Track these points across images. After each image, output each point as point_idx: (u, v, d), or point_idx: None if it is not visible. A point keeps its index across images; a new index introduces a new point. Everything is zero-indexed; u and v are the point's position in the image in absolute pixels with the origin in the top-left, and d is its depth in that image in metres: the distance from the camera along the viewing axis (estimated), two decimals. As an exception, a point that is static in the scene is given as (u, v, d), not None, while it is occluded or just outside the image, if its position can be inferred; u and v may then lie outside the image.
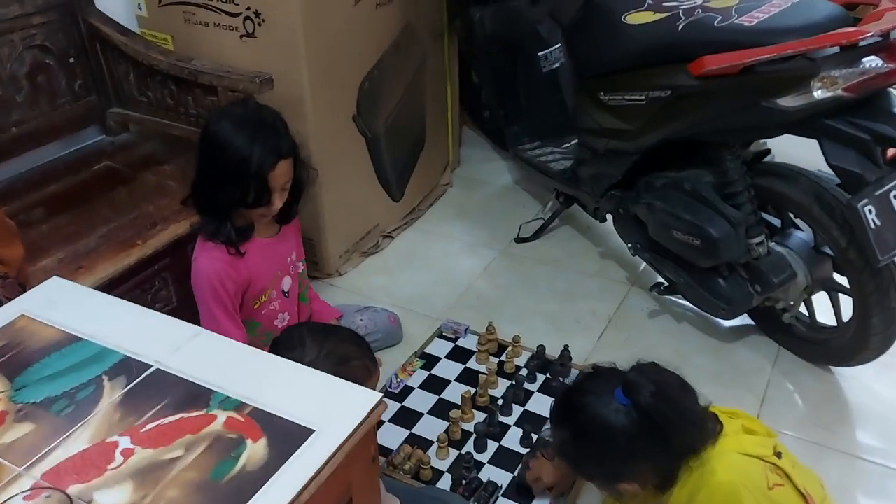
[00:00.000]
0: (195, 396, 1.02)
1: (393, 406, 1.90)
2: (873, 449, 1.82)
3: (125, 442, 0.95)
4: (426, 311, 2.30)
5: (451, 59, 2.84)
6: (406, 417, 1.87)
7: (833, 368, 2.03)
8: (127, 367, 1.07)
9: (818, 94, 1.55)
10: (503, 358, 2.03)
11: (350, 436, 0.96)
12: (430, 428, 1.83)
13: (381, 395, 1.03)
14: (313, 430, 0.96)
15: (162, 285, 1.85)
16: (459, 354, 2.07)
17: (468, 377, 1.98)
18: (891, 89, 1.58)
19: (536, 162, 2.57)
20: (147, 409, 1.00)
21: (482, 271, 2.50)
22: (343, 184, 2.39)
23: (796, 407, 1.94)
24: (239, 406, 1.00)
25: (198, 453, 0.93)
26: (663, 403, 1.21)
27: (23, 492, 0.86)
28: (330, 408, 1.00)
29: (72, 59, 2.12)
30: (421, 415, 1.87)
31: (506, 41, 2.55)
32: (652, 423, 1.21)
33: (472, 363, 2.04)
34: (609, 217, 2.38)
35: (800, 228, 1.93)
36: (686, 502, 1.28)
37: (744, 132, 1.78)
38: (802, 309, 2.02)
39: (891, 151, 1.59)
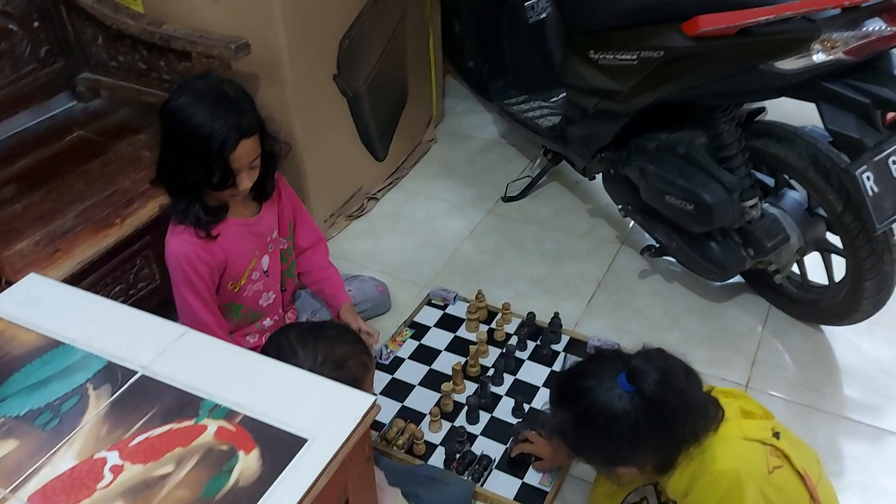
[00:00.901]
0: (184, 404, 0.99)
1: (384, 378, 1.88)
2: (862, 409, 1.83)
3: (114, 458, 0.92)
4: (413, 278, 2.27)
5: (433, 9, 2.74)
6: (397, 390, 1.85)
7: (823, 327, 2.03)
8: (112, 373, 1.03)
9: (818, 57, 1.50)
10: (493, 326, 2.01)
11: (344, 443, 0.94)
12: (422, 400, 1.82)
13: (374, 397, 1.00)
14: (306, 440, 0.94)
15: (144, 263, 1.80)
16: (449, 322, 2.05)
17: (458, 346, 1.97)
18: (893, 51, 1.53)
19: (523, 118, 2.50)
20: (134, 420, 0.97)
21: (469, 234, 2.46)
22: (325, 147, 2.32)
23: (786, 369, 1.95)
24: (229, 414, 0.97)
25: (189, 468, 0.91)
26: (668, 392, 1.19)
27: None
28: (323, 413, 0.98)
29: (36, 24, 2.01)
30: (412, 387, 1.86)
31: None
32: (655, 412, 1.20)
33: (462, 331, 2.02)
34: (598, 176, 2.34)
35: (793, 188, 1.90)
36: (686, 488, 1.28)
37: (739, 95, 1.73)
38: (794, 268, 2.01)
39: (891, 115, 1.55)
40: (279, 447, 0.93)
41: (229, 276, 1.69)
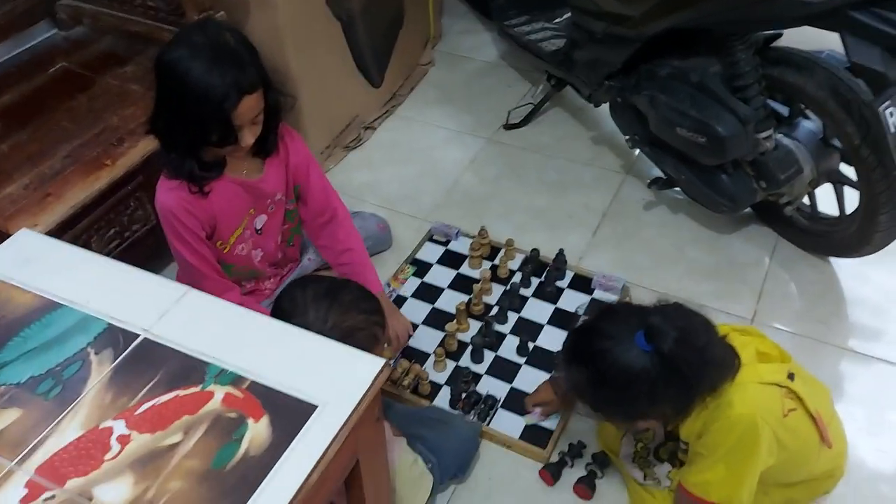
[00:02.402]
0: (189, 370, 0.96)
1: (388, 317, 1.86)
2: (869, 341, 1.83)
3: (120, 427, 0.90)
4: (413, 212, 2.22)
5: (428, -80, 2.59)
6: (402, 329, 1.83)
7: (831, 258, 2.01)
8: (113, 337, 1.00)
9: (845, -17, 1.41)
10: (496, 262, 1.98)
11: (354, 409, 0.92)
12: (426, 340, 1.81)
13: (384, 361, 0.98)
14: (316, 406, 0.91)
15: (137, 205, 1.74)
16: (451, 259, 2.01)
17: (461, 284, 1.94)
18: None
19: (525, 41, 2.40)
20: (139, 386, 0.94)
21: (469, 163, 2.40)
22: (320, 75, 2.23)
23: (793, 301, 1.93)
24: (236, 380, 0.94)
25: (197, 437, 0.89)
26: (687, 350, 1.17)
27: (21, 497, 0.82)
28: (332, 378, 0.95)
29: (10, -53, 1.90)
30: (416, 326, 1.84)
31: None
32: (674, 370, 1.17)
33: (465, 269, 1.99)
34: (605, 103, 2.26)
35: (808, 118, 1.84)
36: (700, 430, 1.27)
37: (760, 23, 1.64)
38: (805, 199, 1.97)
39: (917, 47, 1.47)
40: (289, 414, 0.91)
41: (218, 234, 1.61)
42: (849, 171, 1.80)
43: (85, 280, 1.07)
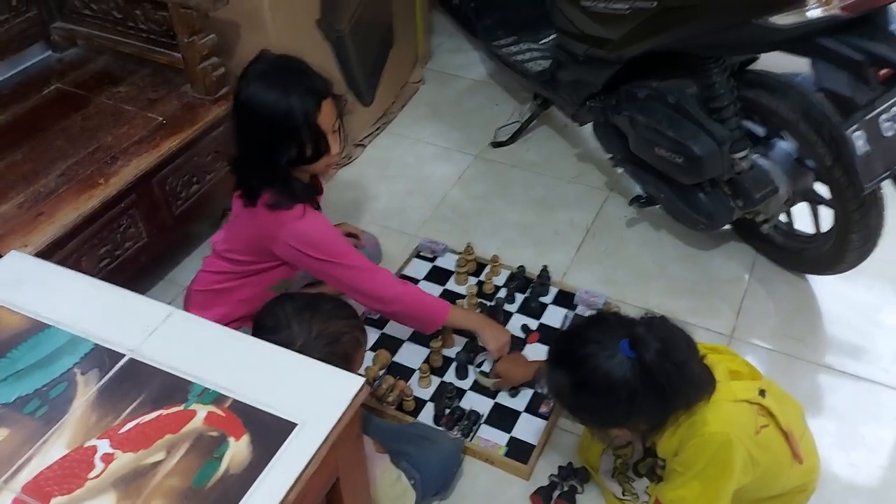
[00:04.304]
0: (173, 389, 0.99)
1: (374, 334, 1.89)
2: (844, 358, 1.87)
3: (104, 446, 0.93)
4: (402, 228, 2.26)
5: (417, -58, 2.64)
6: (387, 345, 1.87)
7: (808, 275, 2.05)
8: (99, 357, 1.03)
9: (813, 12, 1.46)
10: (482, 278, 2.02)
11: (334, 427, 0.96)
12: (412, 356, 1.84)
13: (363, 379, 1.01)
14: (296, 424, 0.95)
15: (130, 222, 1.78)
16: (438, 275, 2.05)
17: (448, 299, 1.94)
18: (889, 7, 1.48)
19: (512, 61, 2.45)
20: (124, 406, 0.98)
21: (457, 179, 2.44)
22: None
23: (771, 317, 1.97)
24: (218, 399, 0.98)
25: (180, 455, 0.92)
26: (668, 363, 1.20)
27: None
28: (312, 397, 0.98)
29: (5, -30, 1.94)
30: (402, 342, 1.88)
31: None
32: (654, 381, 1.20)
33: (451, 284, 2.03)
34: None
35: (783, 138, 1.88)
36: (676, 448, 1.31)
37: (733, 48, 1.69)
38: (782, 217, 2.01)
39: (884, 72, 1.51)
40: (269, 432, 0.94)
41: None
42: (824, 190, 1.85)
43: (73, 301, 1.11)
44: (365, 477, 1.12)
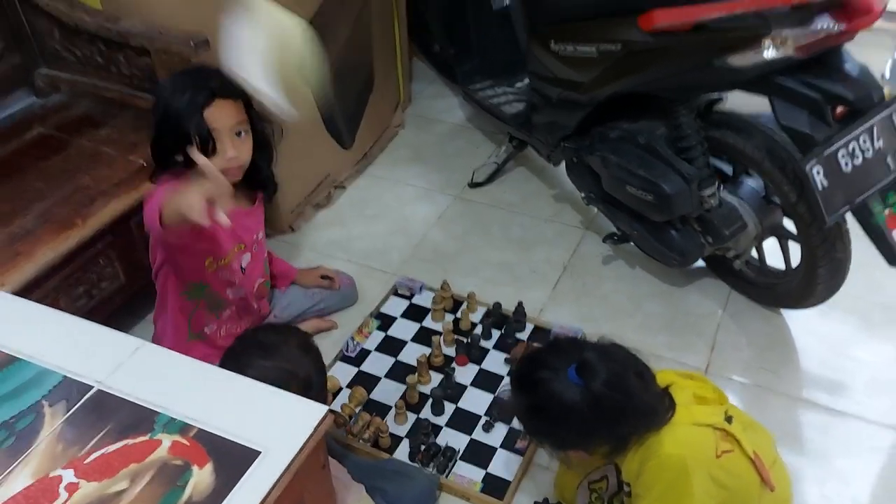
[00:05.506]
0: (139, 420, 1.00)
1: (350, 371, 1.91)
2: (817, 390, 1.89)
3: (69, 476, 0.94)
4: (382, 266, 2.28)
5: (398, -8, 2.72)
6: (364, 382, 1.87)
7: (781, 309, 2.08)
8: (67, 389, 1.04)
9: (769, 53, 1.52)
10: (458, 315, 2.03)
11: (297, 454, 0.97)
12: (388, 393, 1.85)
13: (326, 408, 1.02)
14: (259, 452, 0.96)
15: (107, 263, 1.80)
16: (415, 313, 2.07)
17: (425, 336, 1.99)
18: (843, 47, 1.55)
19: (489, 104, 2.51)
20: (90, 436, 0.98)
21: (437, 219, 2.48)
22: (292, 137, 2.30)
23: (744, 351, 1.99)
24: (184, 428, 0.99)
25: (143, 484, 0.92)
26: (615, 393, 1.22)
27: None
28: (276, 425, 0.99)
29: (-12, 18, 1.99)
30: (378, 379, 1.88)
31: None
32: (601, 408, 1.23)
33: (428, 321, 2.04)
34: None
35: (750, 175, 1.93)
36: (638, 470, 1.32)
37: (696, 89, 1.75)
38: (753, 253, 2.05)
39: (840, 109, 1.57)
40: (232, 460, 0.95)
41: (212, 249, 1.66)
42: (791, 226, 1.89)
43: (44, 335, 1.12)
44: (333, 506, 1.12)
